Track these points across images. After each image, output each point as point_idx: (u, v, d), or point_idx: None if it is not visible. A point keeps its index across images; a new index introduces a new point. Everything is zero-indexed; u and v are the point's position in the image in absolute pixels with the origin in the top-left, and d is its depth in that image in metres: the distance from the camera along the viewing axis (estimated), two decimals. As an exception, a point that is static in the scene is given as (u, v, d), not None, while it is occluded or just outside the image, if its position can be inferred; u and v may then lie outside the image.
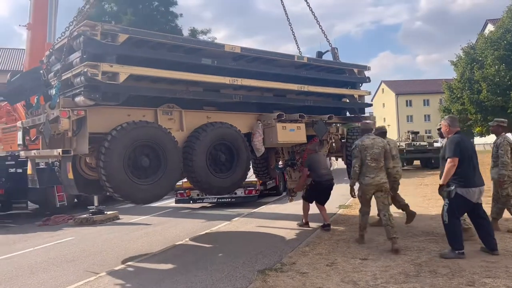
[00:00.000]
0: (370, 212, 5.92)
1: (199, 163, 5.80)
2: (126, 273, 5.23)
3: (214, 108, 6.39)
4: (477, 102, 21.76)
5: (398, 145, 20.14)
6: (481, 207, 5.01)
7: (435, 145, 19.01)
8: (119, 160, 5.06)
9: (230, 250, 6.02)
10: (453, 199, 4.80)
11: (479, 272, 4.24)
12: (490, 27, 28.77)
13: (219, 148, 6.13)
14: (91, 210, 9.97)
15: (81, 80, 4.93)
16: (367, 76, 8.06)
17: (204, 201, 11.37)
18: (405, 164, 20.54)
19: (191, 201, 11.32)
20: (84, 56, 4.91)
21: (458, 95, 23.66)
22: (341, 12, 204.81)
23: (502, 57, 20.77)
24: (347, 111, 8.29)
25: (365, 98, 8.23)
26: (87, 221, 9.55)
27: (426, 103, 57.19)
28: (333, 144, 7.97)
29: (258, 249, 5.95)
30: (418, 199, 9.80)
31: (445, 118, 5.35)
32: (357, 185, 5.86)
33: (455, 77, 24.56)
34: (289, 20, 8.87)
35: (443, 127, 5.21)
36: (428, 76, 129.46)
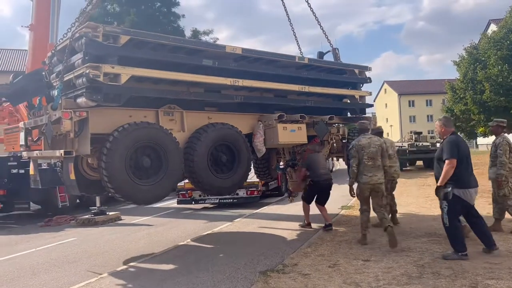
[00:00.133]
0: (370, 211, 5.92)
1: (200, 163, 5.81)
2: (128, 274, 5.24)
3: (215, 109, 6.40)
4: (480, 103, 21.65)
5: (401, 145, 20.25)
6: (473, 206, 4.99)
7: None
8: (121, 160, 5.07)
9: (232, 251, 6.01)
10: (451, 200, 4.76)
11: (482, 274, 4.21)
12: (493, 27, 28.65)
13: (220, 149, 6.14)
14: (93, 211, 9.99)
15: (83, 81, 4.95)
16: (368, 76, 8.06)
17: (206, 202, 11.37)
18: (408, 165, 20.46)
19: (193, 202, 11.32)
20: (86, 58, 4.94)
21: (461, 96, 23.56)
22: (344, 12, 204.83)
23: (505, 57, 20.67)
24: (348, 112, 8.28)
25: (366, 99, 8.23)
26: (89, 222, 9.57)
27: (429, 103, 57.05)
28: (334, 144, 7.96)
29: (260, 250, 5.94)
30: (420, 200, 9.77)
31: (439, 118, 5.26)
32: (357, 185, 5.89)
33: (458, 77, 24.45)
34: (290, 21, 8.88)
35: (438, 127, 5.15)
36: (431, 76, 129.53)
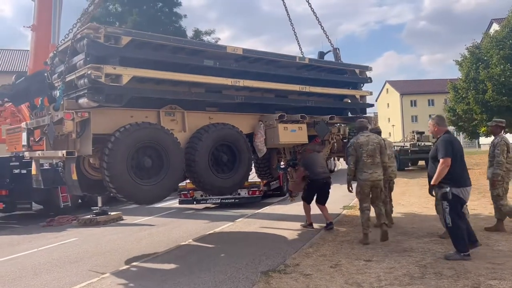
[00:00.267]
0: (370, 209, 5.94)
1: (201, 163, 5.81)
2: (129, 274, 5.24)
3: (216, 109, 6.40)
4: (483, 102, 21.55)
5: (403, 145, 20.19)
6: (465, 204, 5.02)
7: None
8: (122, 161, 5.09)
9: (234, 251, 6.01)
10: (452, 200, 4.75)
11: (484, 274, 4.19)
12: (495, 27, 28.56)
13: (221, 149, 6.14)
14: (95, 211, 10.00)
15: (85, 82, 4.96)
16: (368, 76, 8.04)
17: (207, 202, 11.36)
18: (410, 165, 20.42)
19: (194, 202, 11.31)
20: (88, 59, 4.95)
21: (463, 95, 23.46)
22: (345, 12, 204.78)
23: (507, 56, 20.58)
24: (349, 112, 8.27)
25: (367, 98, 8.22)
26: (90, 222, 9.58)
27: (431, 103, 56.87)
28: (335, 144, 7.96)
29: (261, 250, 5.94)
30: (422, 200, 9.74)
31: (432, 117, 5.23)
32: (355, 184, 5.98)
33: (460, 77, 24.35)
34: (291, 21, 8.88)
35: (431, 127, 5.14)
36: (433, 76, 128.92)
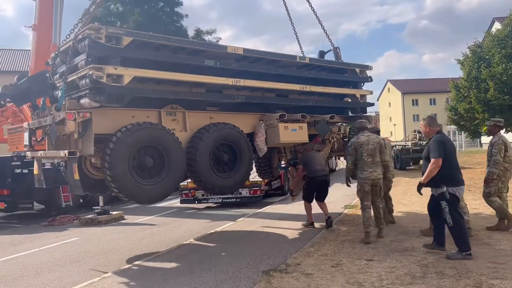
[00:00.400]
0: (371, 207, 5.98)
1: (202, 163, 5.83)
2: (130, 274, 5.25)
3: (217, 109, 6.41)
4: (484, 101, 21.49)
5: (404, 144, 20.13)
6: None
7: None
8: (124, 160, 5.10)
9: (235, 251, 6.02)
10: (450, 199, 4.78)
11: (486, 273, 4.19)
12: (497, 25, 28.45)
13: (222, 148, 6.15)
14: (96, 211, 10.01)
15: (86, 82, 4.98)
16: (369, 75, 8.04)
17: (209, 201, 11.37)
18: (411, 164, 20.40)
19: (196, 201, 11.32)
20: (89, 59, 4.96)
21: (465, 94, 23.40)
22: (347, 12, 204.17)
23: (509, 55, 20.51)
24: (349, 111, 8.27)
25: (367, 98, 8.21)
26: (92, 222, 9.59)
27: (433, 102, 56.75)
28: (335, 143, 7.97)
29: (262, 249, 5.94)
30: (424, 199, 9.70)
31: (424, 118, 5.32)
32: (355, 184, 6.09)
33: (462, 76, 24.28)
34: (291, 20, 8.87)
35: (423, 127, 5.21)
36: (435, 75, 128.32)
